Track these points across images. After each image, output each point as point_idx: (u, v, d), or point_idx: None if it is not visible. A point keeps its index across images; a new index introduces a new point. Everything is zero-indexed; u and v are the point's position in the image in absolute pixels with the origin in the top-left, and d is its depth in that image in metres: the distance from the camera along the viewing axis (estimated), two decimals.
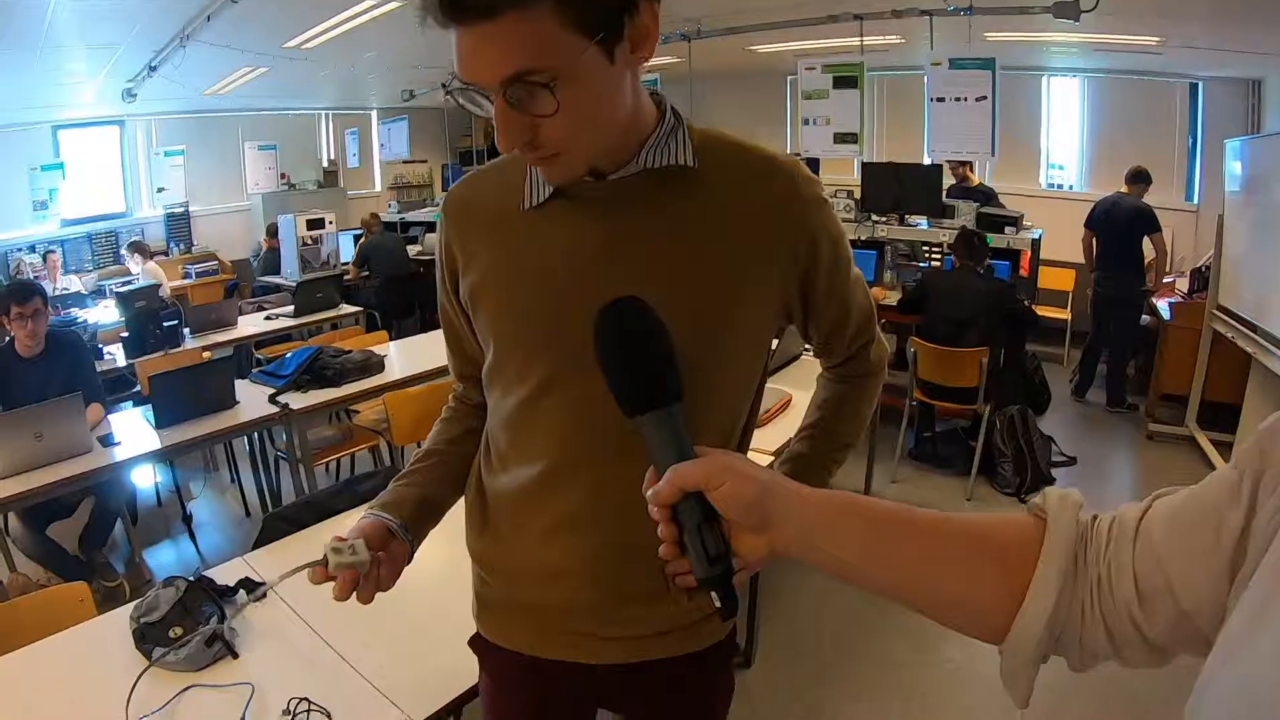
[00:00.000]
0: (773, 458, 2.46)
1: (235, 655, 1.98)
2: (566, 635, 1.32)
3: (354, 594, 1.14)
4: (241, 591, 2.22)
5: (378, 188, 11.73)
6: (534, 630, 1.35)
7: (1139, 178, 5.84)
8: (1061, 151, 8.00)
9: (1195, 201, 7.08)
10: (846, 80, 6.67)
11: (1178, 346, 5.50)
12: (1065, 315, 7.04)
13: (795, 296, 1.21)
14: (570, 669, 1.35)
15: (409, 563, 1.26)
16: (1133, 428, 5.46)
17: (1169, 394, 5.49)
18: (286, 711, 1.76)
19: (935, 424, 5.33)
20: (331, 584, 1.12)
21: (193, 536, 4.35)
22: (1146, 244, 5.85)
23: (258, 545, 2.53)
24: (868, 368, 1.40)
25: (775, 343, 1.38)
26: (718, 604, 0.85)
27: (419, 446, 1.45)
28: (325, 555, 1.10)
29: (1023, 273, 6.19)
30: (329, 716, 1.76)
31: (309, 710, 1.77)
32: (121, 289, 6.57)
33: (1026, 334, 5.21)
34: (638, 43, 0.98)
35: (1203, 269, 5.64)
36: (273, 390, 4.17)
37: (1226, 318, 4.97)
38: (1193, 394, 5.27)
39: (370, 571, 1.15)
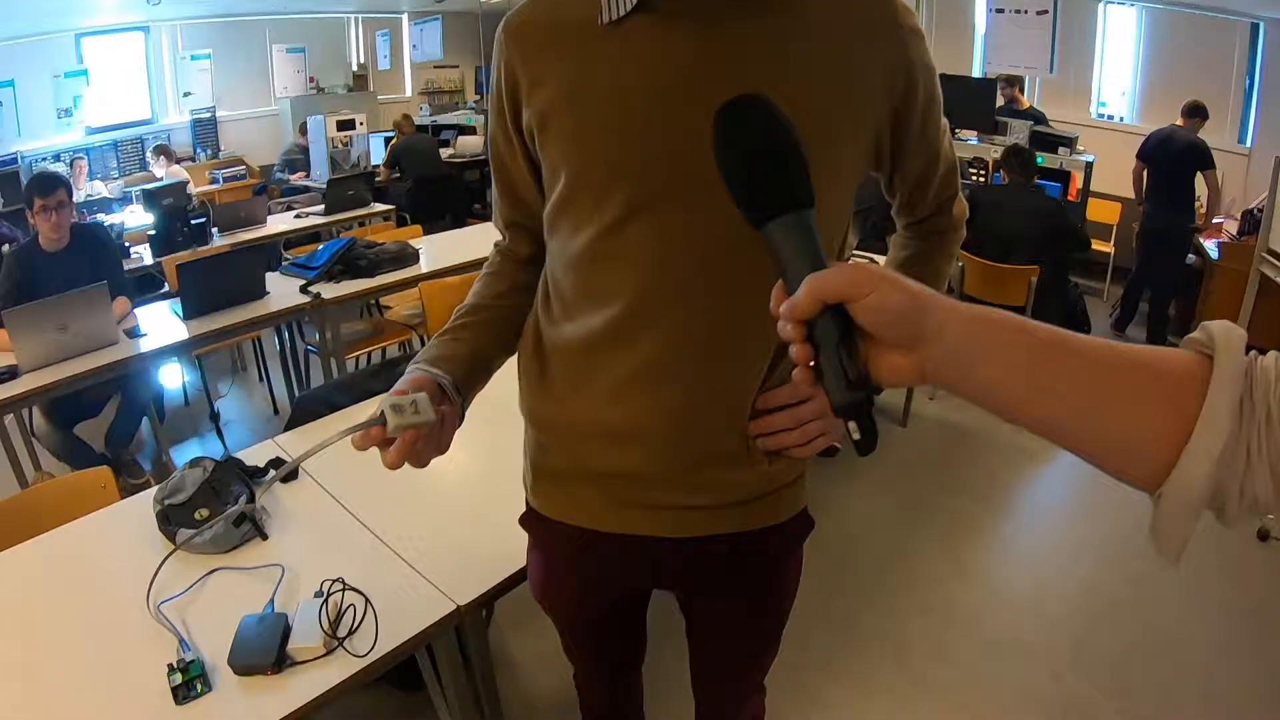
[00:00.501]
0: None
1: (264, 536, 1.91)
2: (633, 507, 1.21)
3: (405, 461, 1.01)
4: (271, 470, 2.12)
5: (408, 92, 11.50)
6: (596, 501, 1.23)
7: (1196, 111, 5.62)
8: (1114, 83, 7.62)
9: (1248, 144, 6.76)
10: None
11: (1223, 287, 5.36)
12: (1109, 249, 6.80)
13: (887, 135, 1.10)
14: (632, 545, 1.24)
15: (460, 425, 1.14)
16: None
17: None
18: (319, 593, 1.68)
19: None
20: (371, 454, 0.99)
21: (220, 433, 4.29)
22: (1198, 181, 5.64)
23: (289, 428, 2.42)
24: (950, 223, 1.30)
25: None
26: (856, 435, 0.73)
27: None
28: (381, 414, 0.96)
29: (1071, 198, 6.00)
30: (365, 598, 1.66)
31: (343, 590, 1.67)
32: (148, 186, 6.43)
33: (1076, 254, 5.06)
34: None
35: (1254, 211, 5.47)
36: (303, 281, 4.08)
37: (1277, 261, 4.79)
38: None
39: (433, 432, 1.03)
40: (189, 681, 1.45)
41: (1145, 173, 5.75)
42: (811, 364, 0.71)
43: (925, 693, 2.65)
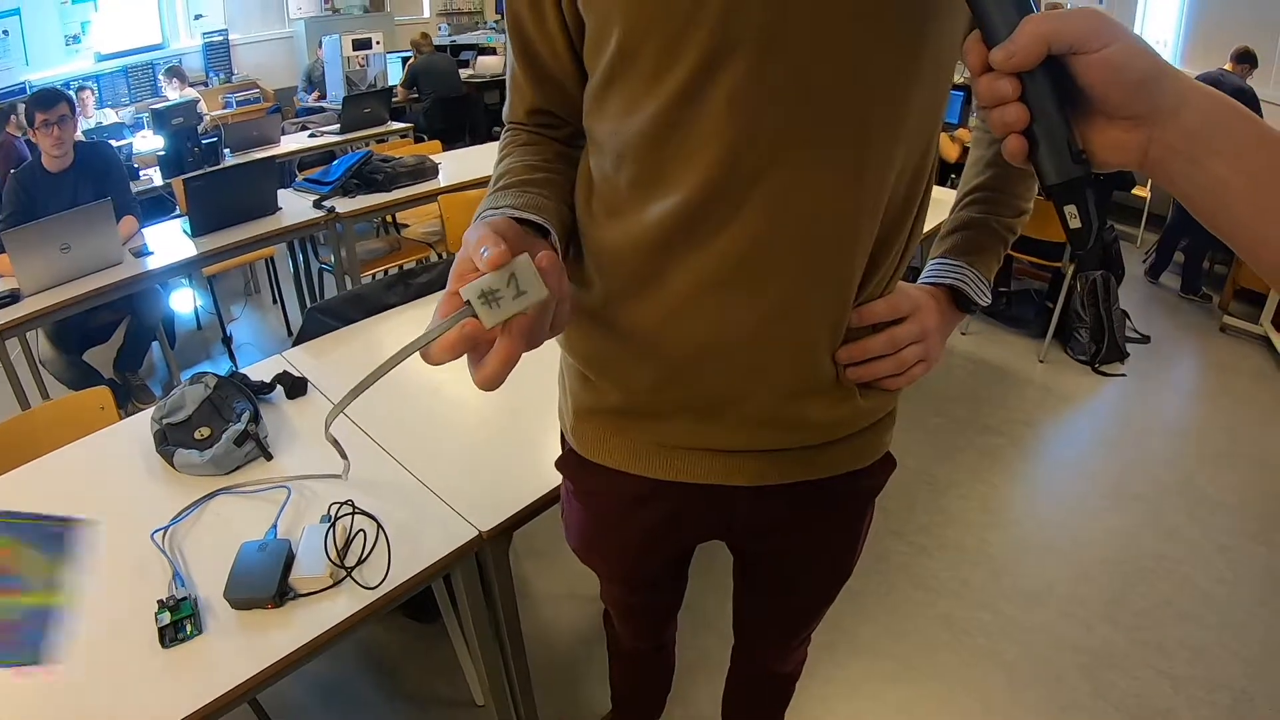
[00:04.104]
0: None
1: (269, 457, 1.74)
2: (704, 451, 1.00)
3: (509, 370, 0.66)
4: (278, 386, 1.94)
5: (426, 13, 11.12)
6: (660, 445, 1.01)
7: (1246, 58, 5.39)
8: (1158, 27, 7.17)
9: None
10: None
11: None
12: (1144, 194, 6.50)
13: None
14: (700, 496, 1.04)
15: None
16: (1205, 317, 5.13)
17: (1245, 289, 5.13)
18: (327, 517, 1.51)
19: (1011, 281, 5.06)
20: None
21: (233, 357, 4.15)
22: None
23: (298, 342, 2.25)
24: None
25: None
26: (1075, 223, 0.63)
27: None
28: (469, 306, 0.61)
29: None
30: (377, 523, 1.49)
31: (353, 514, 1.51)
32: (157, 106, 6.22)
33: (1116, 188, 4.95)
34: None
35: None
36: (317, 197, 3.90)
37: None
38: (1272, 292, 4.85)
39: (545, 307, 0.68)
40: (178, 622, 1.28)
41: None
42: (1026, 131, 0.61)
43: (957, 636, 2.53)
